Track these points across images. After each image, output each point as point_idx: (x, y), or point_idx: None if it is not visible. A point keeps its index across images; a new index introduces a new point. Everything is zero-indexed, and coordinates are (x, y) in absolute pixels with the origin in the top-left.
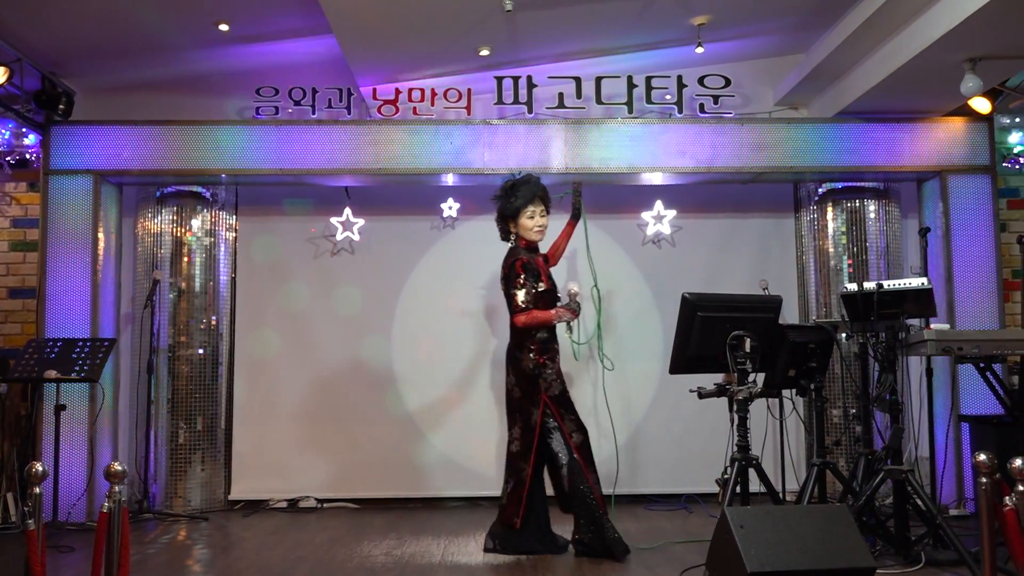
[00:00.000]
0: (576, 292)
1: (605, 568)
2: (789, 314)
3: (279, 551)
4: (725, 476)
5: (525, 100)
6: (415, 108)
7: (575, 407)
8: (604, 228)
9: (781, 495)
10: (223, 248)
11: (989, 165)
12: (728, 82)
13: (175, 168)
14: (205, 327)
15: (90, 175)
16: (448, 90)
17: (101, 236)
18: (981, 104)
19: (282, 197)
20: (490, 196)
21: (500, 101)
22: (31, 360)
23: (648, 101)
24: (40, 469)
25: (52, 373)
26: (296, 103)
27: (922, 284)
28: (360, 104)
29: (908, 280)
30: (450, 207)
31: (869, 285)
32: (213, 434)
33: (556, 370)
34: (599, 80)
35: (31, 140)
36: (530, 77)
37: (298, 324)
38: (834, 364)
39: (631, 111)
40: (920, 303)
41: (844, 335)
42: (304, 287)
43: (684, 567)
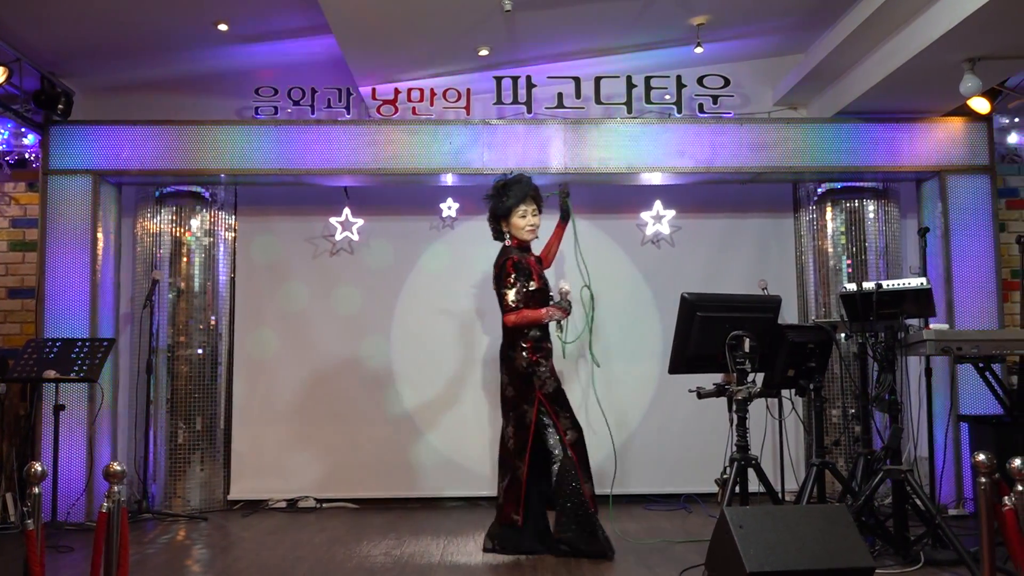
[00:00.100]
0: (567, 291)
1: (605, 568)
2: (788, 314)
3: (278, 551)
4: (724, 476)
5: (524, 100)
6: (414, 108)
7: (571, 405)
8: (603, 228)
9: (780, 495)
10: (222, 248)
11: (988, 165)
12: (727, 82)
13: (174, 168)
14: (204, 327)
15: (89, 175)
16: (447, 90)
17: (100, 236)
18: (980, 104)
19: (281, 197)
20: None
21: (499, 101)
22: (30, 360)
23: (647, 101)
24: (39, 469)
25: (51, 373)
26: (295, 103)
27: (921, 284)
28: (359, 104)
29: (907, 280)
30: (449, 207)
31: (868, 285)
32: (212, 434)
33: (550, 368)
34: (598, 80)
35: (30, 140)
36: (529, 77)
37: (297, 324)
38: (833, 364)
39: (630, 111)
40: (919, 303)
41: (843, 335)
42: (303, 287)
43: (683, 567)
